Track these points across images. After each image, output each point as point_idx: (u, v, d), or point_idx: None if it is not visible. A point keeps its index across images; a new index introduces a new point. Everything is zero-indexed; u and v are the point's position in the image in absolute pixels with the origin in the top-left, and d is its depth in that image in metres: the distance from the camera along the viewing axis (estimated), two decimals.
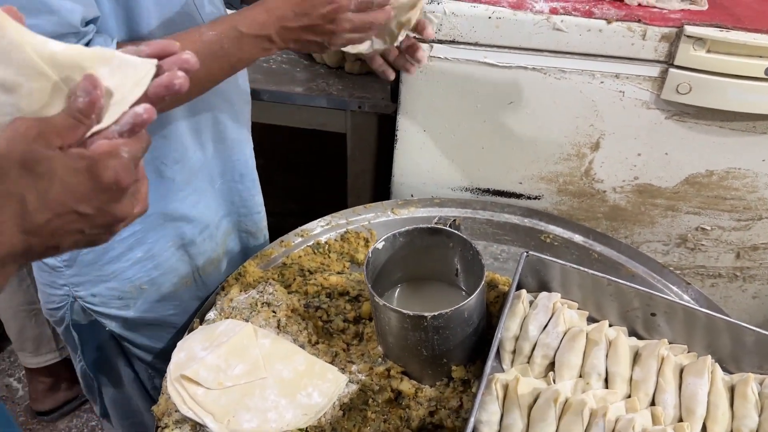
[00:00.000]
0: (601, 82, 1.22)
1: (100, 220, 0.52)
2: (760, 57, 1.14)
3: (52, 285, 1.09)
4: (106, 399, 1.30)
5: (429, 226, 0.99)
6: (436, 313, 0.85)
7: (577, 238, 1.29)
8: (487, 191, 1.42)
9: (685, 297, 1.17)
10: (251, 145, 1.21)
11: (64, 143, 0.49)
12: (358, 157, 1.63)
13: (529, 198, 1.41)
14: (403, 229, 0.98)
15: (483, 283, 0.89)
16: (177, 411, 0.88)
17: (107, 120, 0.51)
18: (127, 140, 0.51)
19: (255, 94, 1.50)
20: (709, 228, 1.39)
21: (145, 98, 0.52)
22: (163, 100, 0.53)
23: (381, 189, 1.60)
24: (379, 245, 0.97)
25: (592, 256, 1.26)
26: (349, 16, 0.86)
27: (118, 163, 0.50)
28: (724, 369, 0.99)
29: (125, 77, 0.51)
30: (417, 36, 1.03)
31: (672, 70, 1.17)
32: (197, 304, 1.17)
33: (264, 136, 2.31)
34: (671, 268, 1.45)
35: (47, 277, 1.09)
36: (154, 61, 0.53)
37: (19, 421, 1.96)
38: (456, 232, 0.97)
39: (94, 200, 0.50)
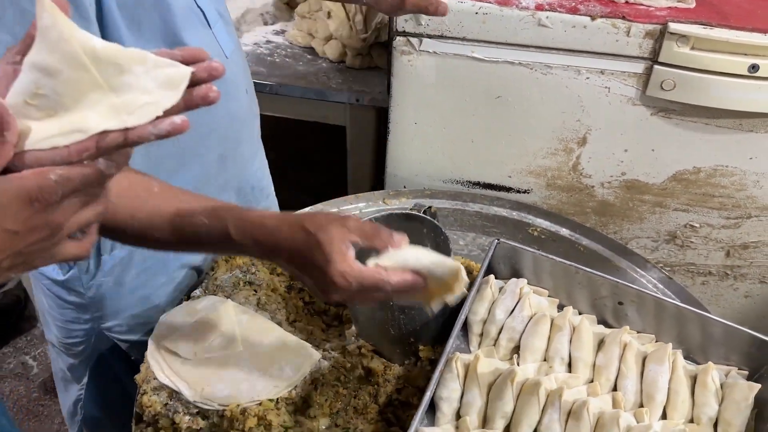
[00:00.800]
0: (587, 78, 1.24)
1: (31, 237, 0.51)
2: (744, 54, 1.15)
3: (77, 321, 1.10)
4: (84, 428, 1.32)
5: (404, 211, 1.03)
6: None
7: (564, 232, 1.32)
8: (478, 184, 1.45)
9: (668, 292, 1.18)
10: (262, 154, 1.25)
11: None
12: (358, 150, 1.67)
13: (518, 192, 1.44)
14: (379, 214, 1.02)
15: None
16: (155, 379, 0.93)
17: (139, 119, 0.52)
18: (67, 168, 0.50)
19: (257, 87, 1.56)
20: (697, 225, 1.40)
21: (178, 105, 0.53)
22: (196, 107, 0.54)
23: (380, 181, 1.64)
24: None
25: (578, 250, 1.28)
26: None
27: (42, 182, 0.49)
28: (692, 360, 1.01)
29: (159, 80, 0.53)
30: None
31: (656, 66, 1.19)
32: None
33: (267, 128, 2.38)
34: (660, 266, 1.46)
35: (71, 314, 1.09)
36: (190, 69, 0.54)
37: (32, 398, 2.04)
38: (428, 217, 1.00)
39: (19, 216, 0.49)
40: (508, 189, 1.44)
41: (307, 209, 1.32)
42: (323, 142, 2.14)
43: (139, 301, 1.10)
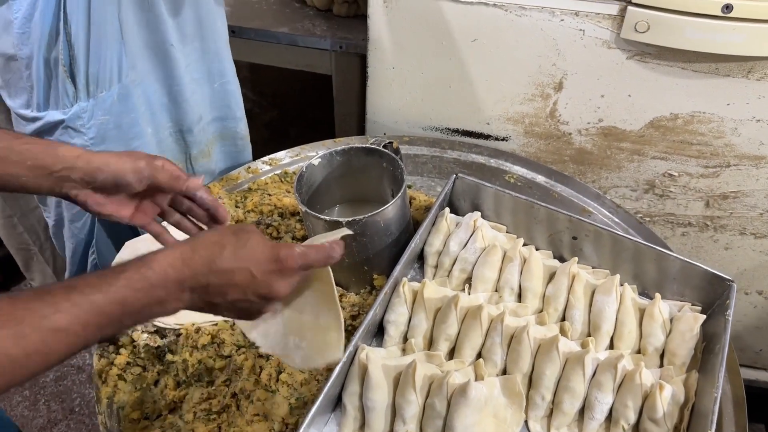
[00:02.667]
0: (561, 20, 1.23)
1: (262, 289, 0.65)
2: None
3: None
4: None
5: (364, 145, 1.04)
6: (350, 219, 0.91)
7: (540, 179, 1.33)
8: (457, 131, 1.45)
9: (638, 237, 1.18)
10: (230, 53, 1.32)
11: None
12: (343, 99, 1.68)
13: (497, 139, 1.44)
14: (339, 148, 1.04)
15: (400, 195, 0.94)
16: None
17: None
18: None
19: (241, 32, 1.58)
20: (676, 174, 1.39)
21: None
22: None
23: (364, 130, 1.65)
24: (315, 161, 1.02)
25: (552, 196, 1.28)
26: None
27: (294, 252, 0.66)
28: (647, 296, 1.02)
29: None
30: None
31: (630, 7, 1.18)
32: None
33: (258, 79, 2.39)
34: (639, 215, 1.46)
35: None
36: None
37: None
38: (387, 152, 1.02)
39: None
40: (487, 136, 1.45)
41: (284, 152, 1.35)
42: (312, 93, 2.15)
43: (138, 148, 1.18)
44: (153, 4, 1.11)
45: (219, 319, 0.95)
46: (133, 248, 1.02)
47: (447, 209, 1.04)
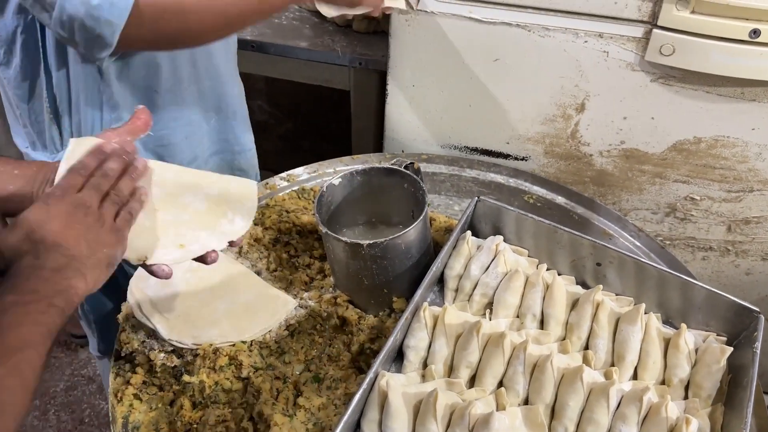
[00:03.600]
0: (585, 42, 1.22)
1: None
2: (746, 19, 1.12)
3: None
4: (105, 335, 1.39)
5: (385, 166, 1.03)
6: (371, 241, 0.90)
7: (560, 200, 1.31)
8: (476, 150, 1.44)
9: (660, 262, 1.17)
10: (240, 83, 1.28)
11: None
12: (361, 114, 1.68)
13: (516, 159, 1.43)
14: (359, 168, 1.03)
15: (421, 218, 0.93)
16: (134, 317, 0.96)
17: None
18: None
19: (261, 48, 1.58)
20: (698, 198, 1.38)
21: None
22: None
23: (382, 146, 1.64)
24: (336, 181, 1.01)
25: (573, 218, 1.27)
26: None
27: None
28: (672, 325, 1.00)
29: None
30: None
31: (656, 30, 1.17)
32: None
33: (275, 91, 2.39)
34: (660, 239, 1.44)
35: None
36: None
37: None
38: (408, 172, 1.00)
39: None
40: (506, 156, 1.43)
41: (302, 169, 1.34)
42: (329, 107, 2.15)
43: None
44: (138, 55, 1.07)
45: (235, 339, 0.94)
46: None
47: (468, 232, 1.02)
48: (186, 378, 0.90)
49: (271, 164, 2.06)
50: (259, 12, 0.99)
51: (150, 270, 0.79)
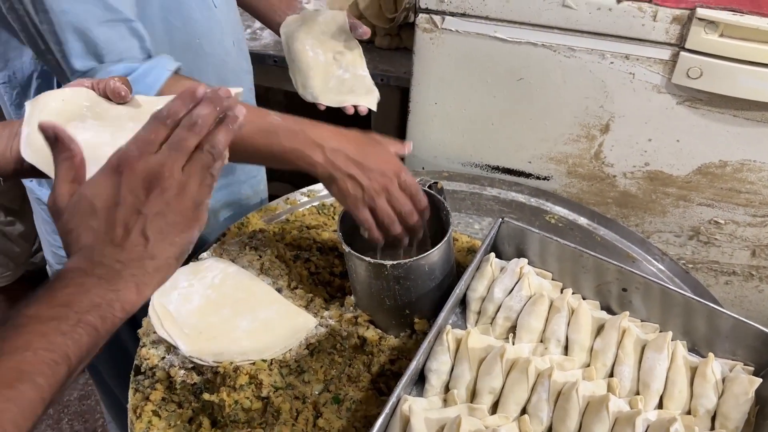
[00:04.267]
0: (611, 63, 1.21)
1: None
2: None
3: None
4: None
5: None
6: (395, 262, 0.89)
7: (582, 221, 1.30)
8: (497, 168, 1.43)
9: (684, 286, 1.15)
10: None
11: None
12: (381, 130, 1.66)
13: (538, 178, 1.42)
14: None
15: (445, 240, 0.92)
16: (155, 332, 0.96)
17: None
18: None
19: (284, 62, 1.58)
20: (722, 222, 1.36)
21: None
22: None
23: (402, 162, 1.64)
24: None
25: (595, 240, 1.26)
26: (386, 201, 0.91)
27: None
28: (697, 353, 0.98)
29: None
30: None
31: (683, 53, 1.16)
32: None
33: (294, 104, 2.40)
34: (682, 262, 1.42)
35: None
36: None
37: None
38: (432, 192, 1.00)
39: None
40: (528, 175, 1.42)
41: (318, 185, 1.33)
42: (348, 120, 2.15)
43: None
44: None
45: (256, 357, 0.93)
46: (173, 280, 1.01)
47: (492, 254, 1.01)
48: (206, 396, 0.89)
49: (287, 176, 2.06)
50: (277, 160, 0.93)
51: None
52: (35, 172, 0.67)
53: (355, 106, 1.20)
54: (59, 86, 0.99)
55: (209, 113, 0.57)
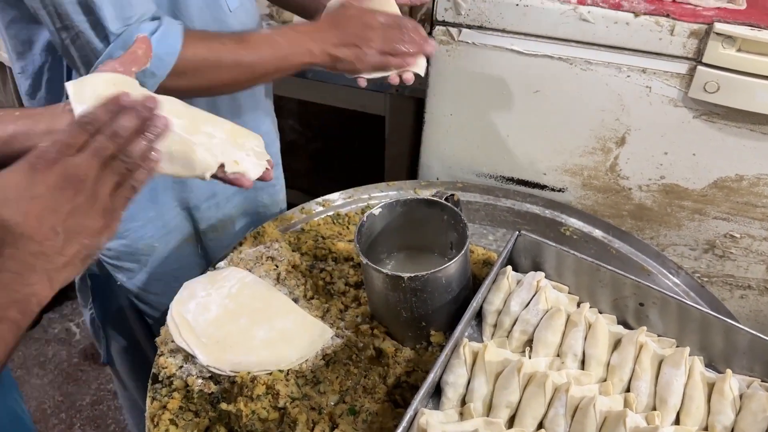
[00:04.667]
0: (628, 76, 1.21)
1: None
2: None
3: None
4: (112, 347, 1.40)
5: (426, 197, 1.03)
6: (412, 275, 0.90)
7: (597, 233, 1.29)
8: (511, 180, 1.44)
9: (699, 300, 1.15)
10: (273, 120, 1.28)
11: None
12: (396, 140, 1.68)
13: (553, 190, 1.42)
14: (401, 198, 1.03)
15: (462, 252, 0.93)
16: (173, 341, 0.96)
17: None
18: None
19: (300, 72, 1.59)
20: (738, 236, 1.35)
21: None
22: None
23: (416, 173, 1.64)
24: (376, 211, 1.01)
25: (610, 253, 1.25)
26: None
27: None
28: (714, 369, 0.98)
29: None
30: None
31: (700, 67, 1.16)
32: (201, 261, 1.26)
33: (306, 112, 2.42)
34: (697, 276, 1.42)
35: None
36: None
37: (73, 362, 2.13)
38: (449, 204, 1.00)
39: None
40: (543, 187, 1.42)
41: (337, 194, 1.34)
42: (359, 129, 2.16)
43: (127, 231, 1.16)
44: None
45: (273, 368, 0.94)
46: (191, 289, 1.02)
47: (509, 267, 1.02)
48: (223, 405, 0.90)
49: (299, 184, 2.07)
50: (281, 70, 1.03)
51: (228, 180, 0.76)
52: None
53: (400, 75, 1.15)
54: (69, 76, 1.01)
55: (130, 124, 0.59)
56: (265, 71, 1.02)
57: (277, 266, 1.09)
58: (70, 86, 0.68)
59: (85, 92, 0.67)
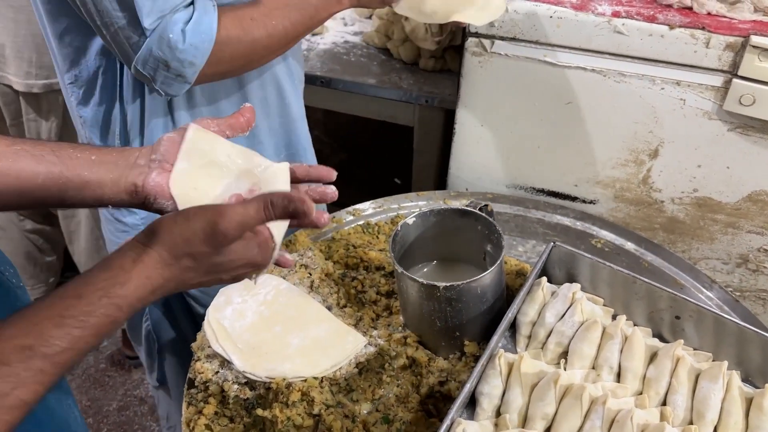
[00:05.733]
0: (662, 89, 1.21)
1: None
2: None
3: None
4: (166, 364, 1.41)
5: (460, 207, 1.03)
6: (448, 284, 0.90)
7: (629, 246, 1.29)
8: (542, 191, 1.43)
9: (733, 314, 1.13)
10: (306, 122, 1.31)
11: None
12: (424, 151, 1.69)
13: (584, 202, 1.42)
14: (435, 208, 1.03)
15: (498, 263, 0.93)
16: (209, 347, 0.97)
17: None
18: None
19: (330, 83, 1.61)
20: None
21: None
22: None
23: (444, 183, 1.64)
24: (410, 220, 1.02)
25: (642, 265, 1.24)
26: None
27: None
28: (751, 384, 0.97)
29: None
30: None
31: (735, 80, 1.15)
32: None
33: (332, 122, 2.43)
34: (730, 290, 1.40)
35: (126, 237, 1.20)
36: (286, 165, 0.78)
37: (99, 368, 2.16)
38: (483, 215, 1.00)
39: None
40: (574, 198, 1.42)
41: (367, 204, 1.35)
42: (391, 141, 2.18)
43: None
44: (212, 93, 1.11)
45: (308, 374, 0.94)
46: (227, 295, 1.03)
47: (544, 278, 1.01)
48: (259, 411, 0.90)
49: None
50: (311, 27, 1.03)
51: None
52: (147, 206, 0.75)
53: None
54: (122, 79, 1.03)
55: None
56: (297, 34, 1.01)
57: (310, 274, 1.10)
58: (191, 129, 0.76)
59: (193, 155, 0.75)
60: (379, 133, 2.13)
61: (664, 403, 0.92)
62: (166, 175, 0.73)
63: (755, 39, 1.11)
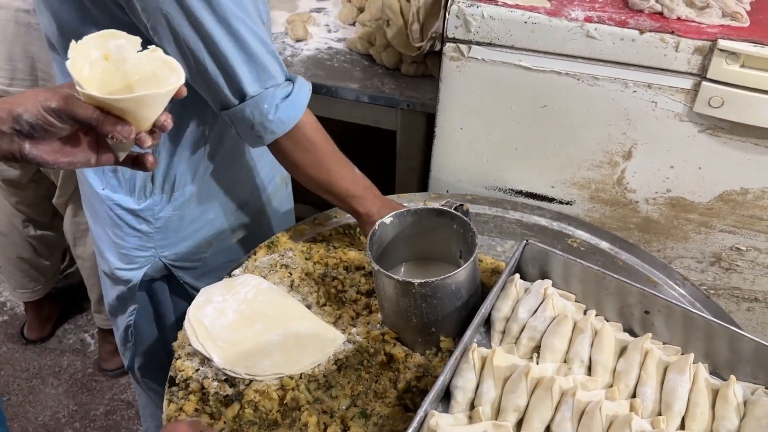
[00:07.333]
0: (634, 91, 1.24)
1: None
2: None
3: (141, 248, 1.24)
4: (142, 356, 1.43)
5: (436, 207, 1.06)
6: (422, 281, 0.92)
7: (604, 245, 1.31)
8: (520, 192, 1.46)
9: (704, 311, 1.16)
10: None
11: None
12: (406, 154, 1.72)
13: (561, 203, 1.45)
14: (412, 208, 1.06)
15: (471, 259, 0.95)
16: (190, 345, 0.99)
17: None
18: None
19: (313, 89, 1.63)
20: (744, 248, 1.37)
21: None
22: None
23: (426, 186, 1.67)
24: (387, 220, 1.04)
25: (617, 264, 1.27)
26: None
27: None
28: (719, 376, 0.99)
29: None
30: None
31: (705, 83, 1.19)
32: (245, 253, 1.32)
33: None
34: (704, 288, 1.44)
35: (136, 242, 1.24)
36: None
37: (87, 373, 2.16)
38: (458, 214, 1.03)
39: None
40: (551, 199, 1.45)
41: None
42: (374, 145, 2.20)
43: (192, 233, 1.25)
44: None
45: (286, 372, 0.96)
46: (208, 294, 1.05)
47: (517, 275, 1.04)
48: (237, 407, 0.92)
49: (311, 198, 2.11)
50: (333, 197, 1.15)
51: None
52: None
53: None
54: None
55: None
56: (329, 189, 1.12)
57: (290, 274, 1.12)
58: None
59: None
60: (363, 137, 2.15)
61: (634, 396, 0.94)
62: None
63: (723, 43, 1.14)
